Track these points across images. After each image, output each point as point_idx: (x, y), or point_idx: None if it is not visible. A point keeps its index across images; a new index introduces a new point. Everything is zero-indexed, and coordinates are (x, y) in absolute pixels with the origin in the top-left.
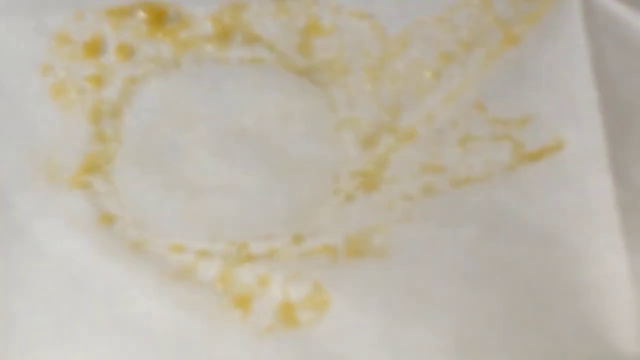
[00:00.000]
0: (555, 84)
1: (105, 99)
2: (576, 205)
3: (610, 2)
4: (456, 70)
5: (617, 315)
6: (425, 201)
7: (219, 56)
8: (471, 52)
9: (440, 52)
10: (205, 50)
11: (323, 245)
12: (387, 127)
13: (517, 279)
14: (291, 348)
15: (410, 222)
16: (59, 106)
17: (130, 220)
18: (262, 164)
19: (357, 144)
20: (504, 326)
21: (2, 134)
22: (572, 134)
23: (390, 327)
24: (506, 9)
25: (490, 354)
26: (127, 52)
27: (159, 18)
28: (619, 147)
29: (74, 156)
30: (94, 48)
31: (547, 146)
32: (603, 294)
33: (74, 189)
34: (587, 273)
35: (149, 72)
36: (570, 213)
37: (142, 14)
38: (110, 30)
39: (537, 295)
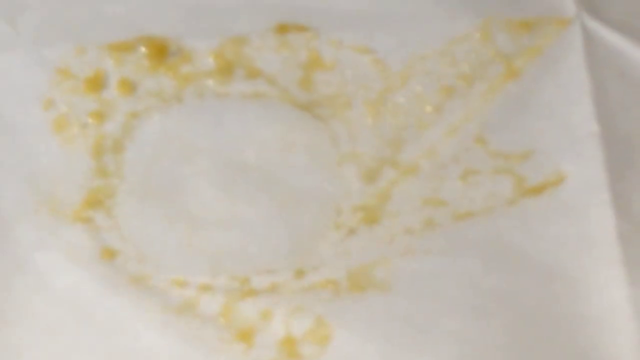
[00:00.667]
0: (556, 117)
1: (108, 133)
2: (577, 238)
3: (611, 35)
4: (457, 104)
5: (618, 348)
6: (427, 235)
7: (220, 91)
8: (472, 85)
9: (441, 86)
10: (207, 85)
11: (325, 279)
12: (388, 161)
13: (518, 312)
14: None
15: (412, 255)
16: (61, 141)
17: (132, 254)
18: (263, 197)
19: (359, 178)
20: (505, 358)
21: (5, 167)
22: (573, 167)
23: None
24: (507, 42)
25: None
26: (129, 87)
27: (161, 53)
28: (620, 180)
29: (76, 191)
30: (96, 83)
31: (548, 180)
32: (603, 326)
33: (76, 223)
34: (588, 306)
35: (151, 107)
36: (571, 246)
37: (143, 49)
38: (112, 65)
39: (538, 328)
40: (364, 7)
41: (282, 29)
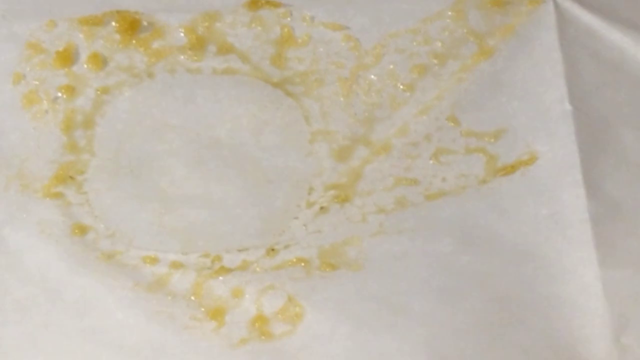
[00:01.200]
0: (529, 96)
1: (78, 108)
2: (549, 218)
3: (584, 15)
4: (430, 82)
5: (590, 328)
6: (399, 214)
7: (192, 66)
8: (445, 64)
9: (414, 65)
10: (179, 60)
11: (297, 257)
12: (361, 139)
13: (489, 293)
14: None
15: (383, 235)
16: (31, 116)
17: (103, 231)
18: (235, 175)
19: (331, 156)
20: (476, 340)
21: None
22: (546, 147)
23: (364, 339)
24: (480, 21)
25: None
26: (99, 61)
27: (132, 28)
28: (592, 160)
29: (47, 166)
30: (67, 57)
31: (520, 159)
32: (575, 307)
33: (47, 199)
34: (560, 286)
35: (121, 82)
36: (543, 226)
37: (114, 24)
38: (82, 39)
39: (509, 309)
40: None
41: (254, 4)
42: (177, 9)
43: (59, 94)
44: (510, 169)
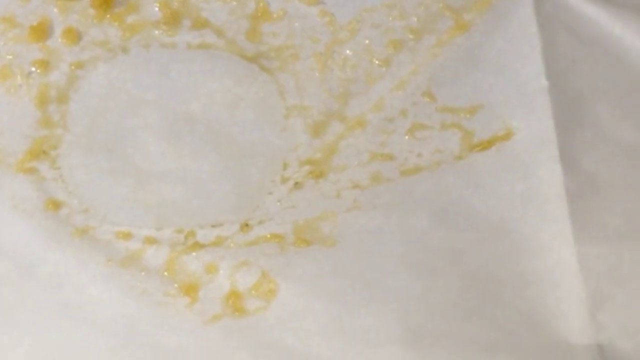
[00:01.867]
0: (505, 72)
1: (52, 83)
2: (525, 194)
3: None
4: (406, 57)
5: (565, 305)
6: (374, 190)
7: (167, 41)
8: (421, 39)
9: (389, 40)
10: (153, 35)
11: (271, 233)
12: (336, 114)
13: (465, 268)
14: (238, 336)
15: (359, 210)
16: (4, 90)
17: (77, 206)
18: (210, 150)
19: (306, 131)
20: (452, 315)
21: None
22: (522, 123)
23: (338, 315)
24: None
25: (437, 343)
26: (74, 36)
27: (107, 2)
28: (569, 136)
29: (20, 141)
30: (41, 32)
31: (496, 135)
32: (551, 283)
33: (20, 174)
34: (536, 262)
35: (96, 57)
36: (519, 202)
37: None
38: (57, 13)
39: (485, 285)
40: None
41: None
42: None
43: (33, 69)
44: (486, 145)
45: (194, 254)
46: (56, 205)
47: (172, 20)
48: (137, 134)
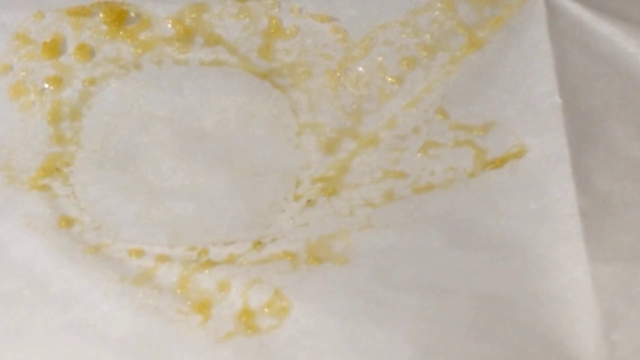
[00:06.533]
0: (518, 89)
1: (65, 100)
2: (538, 212)
3: (575, 7)
4: (419, 75)
5: (579, 324)
6: (387, 207)
7: (179, 58)
8: (434, 56)
9: (402, 57)
10: (166, 52)
11: (284, 251)
12: (348, 132)
13: (477, 287)
14: (251, 354)
15: (371, 228)
16: (18, 107)
17: (89, 223)
18: (222, 167)
19: (319, 149)
20: (464, 335)
21: None
22: (535, 141)
23: (350, 334)
24: (470, 13)
25: None
26: (87, 52)
27: (120, 18)
28: (582, 154)
29: (33, 158)
30: (54, 48)
31: (509, 152)
32: (565, 302)
33: (33, 191)
34: (549, 281)
35: (108, 74)
36: (532, 221)
37: (102, 15)
38: (70, 30)
39: (498, 304)
40: None
41: None
42: (165, 0)
43: (46, 85)
44: (499, 163)
45: (206, 271)
46: (68, 222)
47: (185, 37)
48: (149, 151)
